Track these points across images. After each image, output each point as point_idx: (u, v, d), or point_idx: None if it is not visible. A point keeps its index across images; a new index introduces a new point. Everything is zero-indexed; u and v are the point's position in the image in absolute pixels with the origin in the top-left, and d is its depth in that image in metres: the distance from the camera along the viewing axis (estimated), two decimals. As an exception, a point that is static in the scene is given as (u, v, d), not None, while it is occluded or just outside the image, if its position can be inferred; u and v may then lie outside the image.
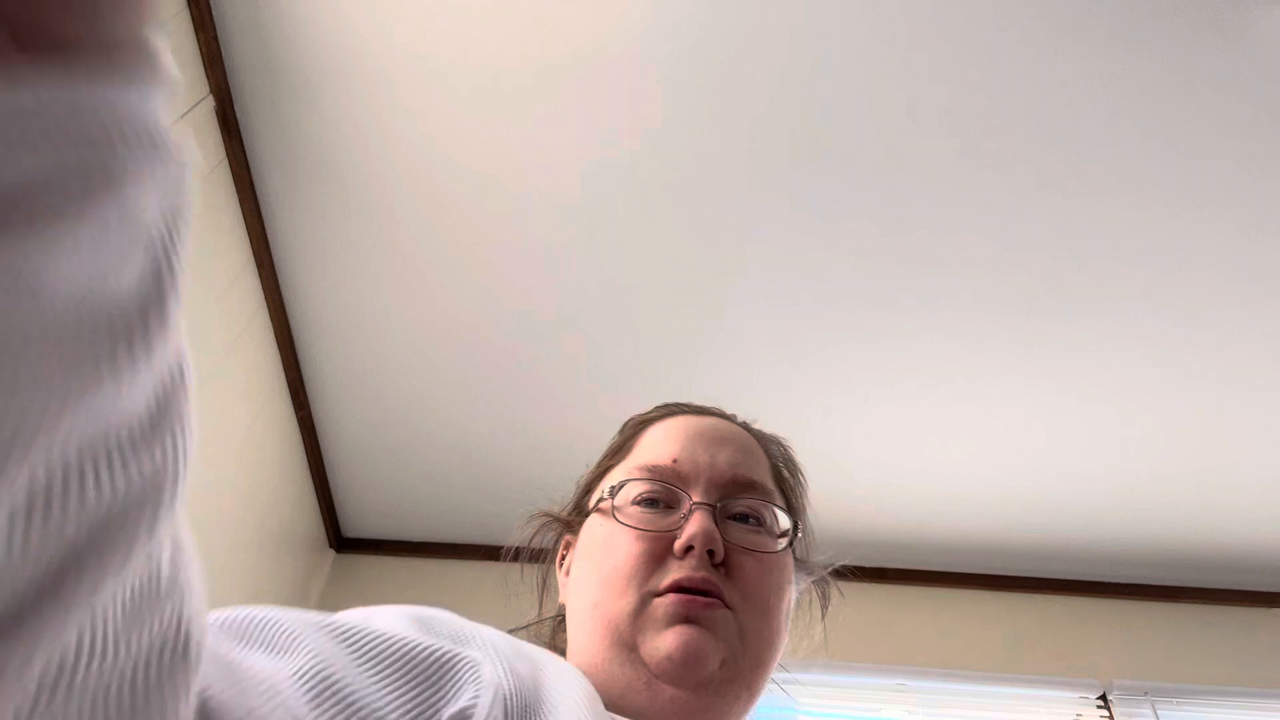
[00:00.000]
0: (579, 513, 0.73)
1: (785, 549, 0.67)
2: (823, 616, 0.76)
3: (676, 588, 0.60)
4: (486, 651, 0.49)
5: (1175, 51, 1.85)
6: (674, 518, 0.65)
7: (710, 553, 0.62)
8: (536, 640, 0.74)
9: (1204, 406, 2.38)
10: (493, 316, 2.32)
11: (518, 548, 0.77)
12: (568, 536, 0.74)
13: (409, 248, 2.21)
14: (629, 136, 2.02)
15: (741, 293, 2.25)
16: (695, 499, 0.65)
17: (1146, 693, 2.47)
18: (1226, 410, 2.38)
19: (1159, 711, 2.43)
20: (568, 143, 2.03)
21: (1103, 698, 2.47)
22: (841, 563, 0.80)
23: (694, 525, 0.62)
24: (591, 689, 0.54)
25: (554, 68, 1.94)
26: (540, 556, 0.78)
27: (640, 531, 0.64)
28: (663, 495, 0.66)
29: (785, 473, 0.77)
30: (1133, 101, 1.92)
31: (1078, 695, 2.48)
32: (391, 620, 0.49)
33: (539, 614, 0.77)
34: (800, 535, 0.70)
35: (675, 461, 0.67)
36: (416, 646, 0.45)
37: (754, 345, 2.34)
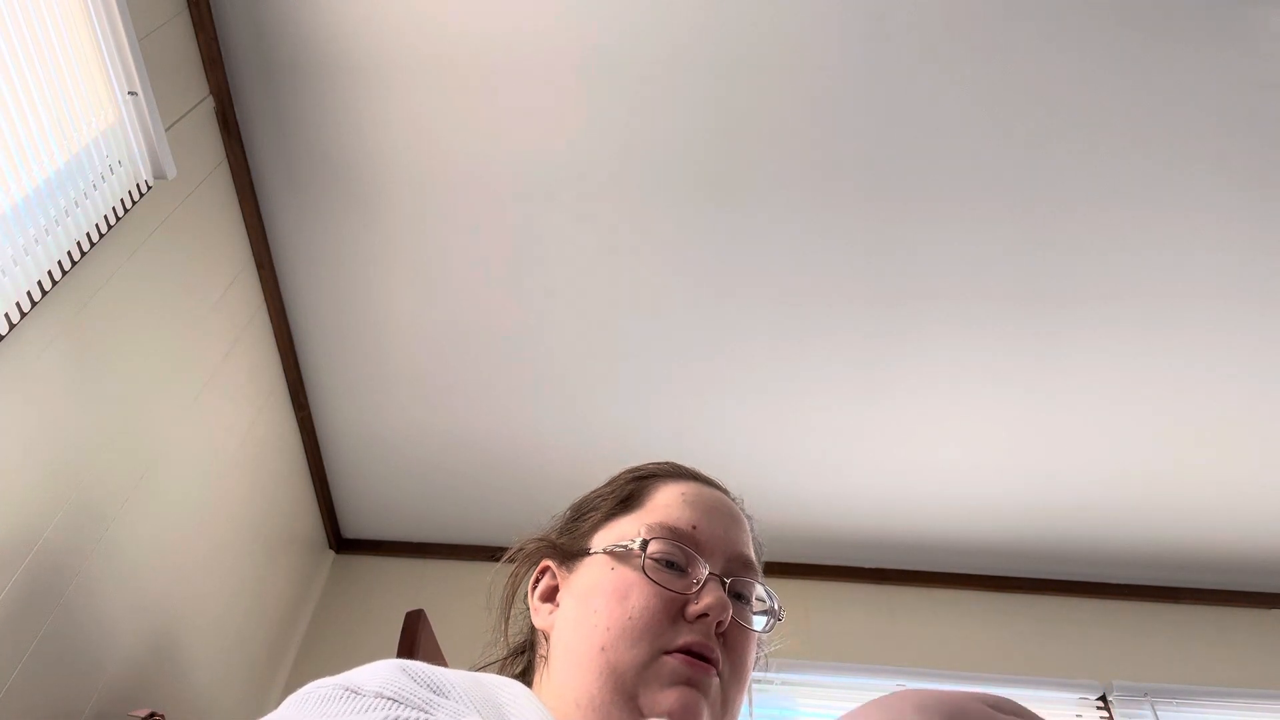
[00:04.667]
0: (576, 546, 0.76)
1: (768, 629, 0.74)
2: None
3: (686, 650, 0.66)
4: (463, 702, 0.56)
5: (1173, 56, 1.85)
6: (687, 581, 0.69)
7: (719, 622, 0.68)
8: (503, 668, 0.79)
9: (1203, 408, 2.38)
10: (492, 316, 2.32)
11: (511, 573, 0.80)
12: (548, 562, 0.77)
13: (409, 248, 2.21)
14: (630, 137, 2.02)
15: (739, 297, 2.25)
16: (710, 570, 0.70)
17: (1146, 693, 2.47)
18: (1226, 411, 2.38)
19: (1159, 712, 2.43)
20: (567, 142, 2.03)
21: (1102, 698, 2.47)
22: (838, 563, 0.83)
23: (710, 596, 0.68)
24: (548, 714, 0.60)
25: (554, 68, 1.94)
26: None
27: (660, 589, 0.68)
28: (679, 559, 0.71)
29: (760, 548, 0.82)
30: (1129, 102, 1.92)
31: (1077, 696, 2.48)
32: (378, 673, 0.56)
33: (502, 629, 0.81)
34: (782, 618, 0.75)
35: (695, 529, 0.73)
36: None
37: (753, 349, 2.34)
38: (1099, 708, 2.46)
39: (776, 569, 2.70)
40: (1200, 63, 1.86)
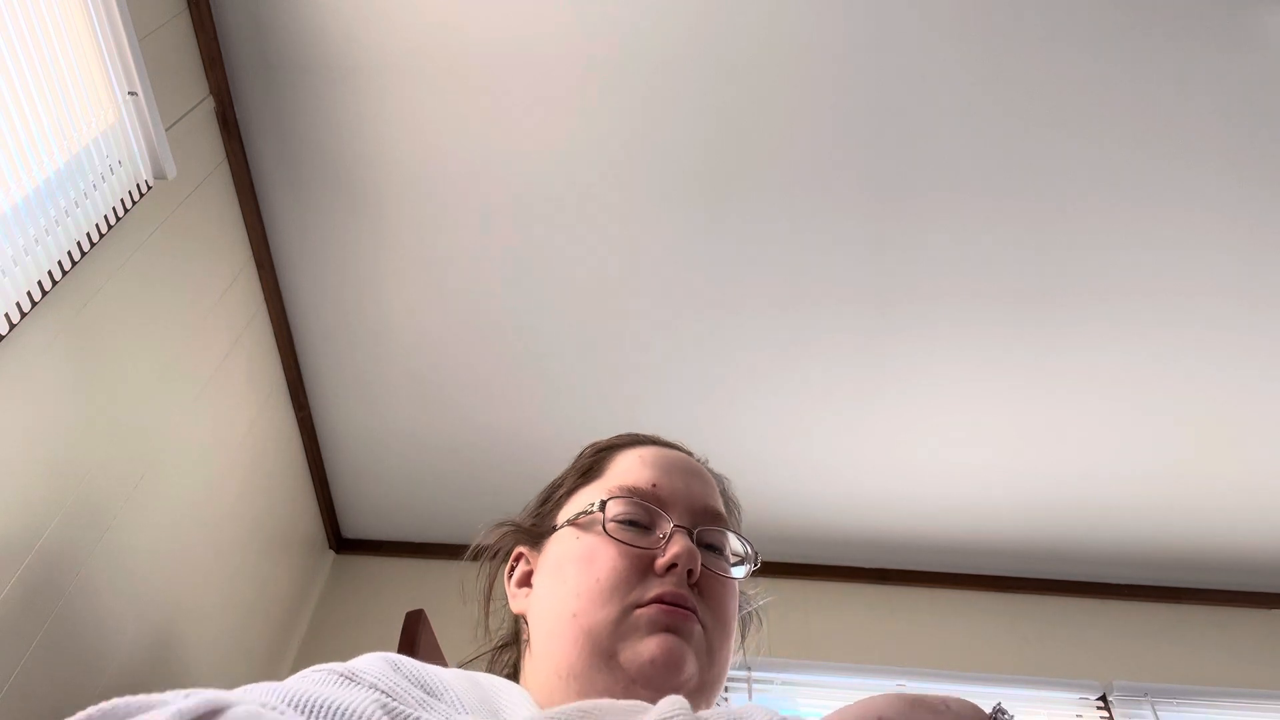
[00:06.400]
0: (544, 526, 0.76)
1: (745, 576, 0.73)
2: (741, 643, 0.81)
3: (659, 600, 0.64)
4: (455, 705, 0.55)
5: (1176, 54, 1.85)
6: (653, 538, 0.69)
7: (689, 572, 0.66)
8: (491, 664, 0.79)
9: (1204, 407, 2.38)
10: (492, 316, 2.32)
11: (478, 554, 0.81)
12: (520, 549, 0.77)
13: (408, 248, 2.21)
14: (631, 138, 2.02)
15: (740, 296, 2.25)
16: (674, 522, 0.69)
17: (1146, 693, 2.47)
18: (1227, 411, 2.38)
19: (1159, 712, 2.43)
20: (566, 143, 2.03)
21: (1103, 698, 2.47)
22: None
23: (677, 545, 0.67)
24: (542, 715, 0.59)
25: (554, 69, 1.94)
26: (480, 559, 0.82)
27: (625, 547, 0.67)
28: (642, 517, 0.70)
29: (732, 506, 0.81)
30: (1132, 100, 1.92)
31: (1078, 696, 2.48)
32: (373, 665, 0.55)
33: (484, 620, 0.81)
34: (758, 564, 0.74)
35: (655, 486, 0.72)
36: None
37: (753, 350, 2.34)
38: (1099, 708, 2.46)
39: (776, 569, 2.72)
40: (1204, 60, 1.86)
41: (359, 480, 2.70)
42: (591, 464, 0.77)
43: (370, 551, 2.82)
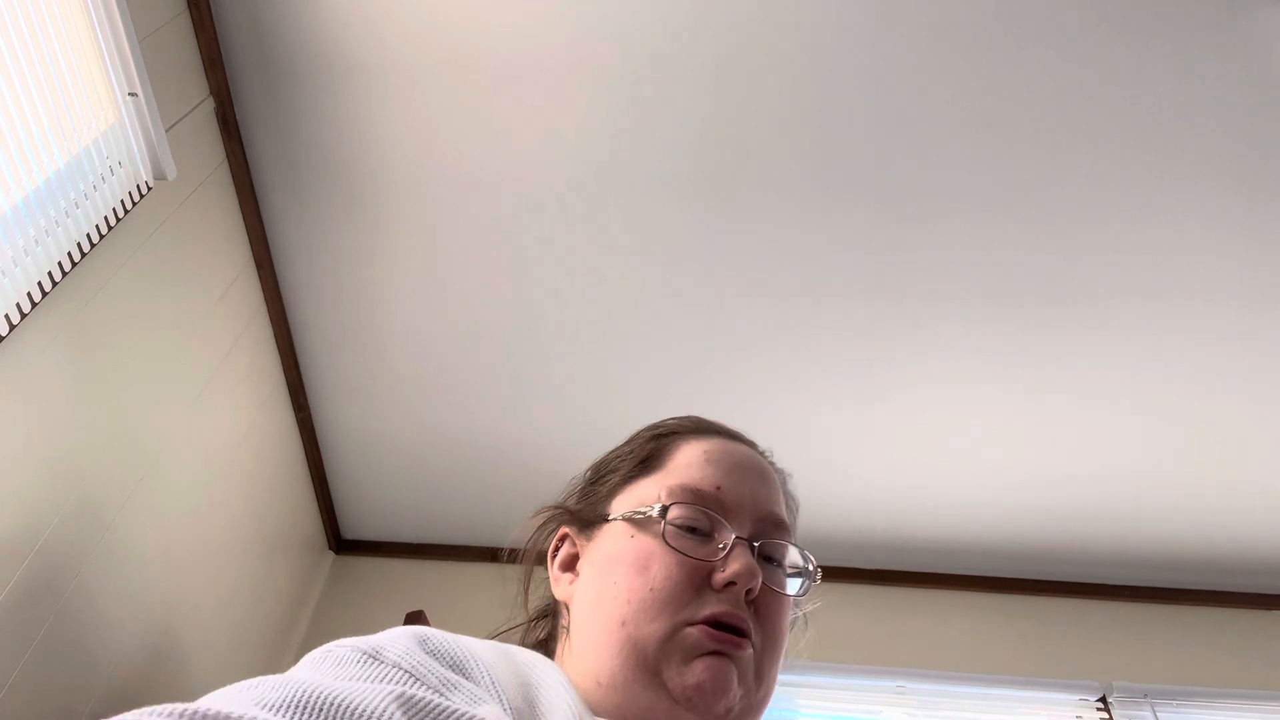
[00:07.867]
0: (595, 512, 0.72)
1: (802, 592, 0.69)
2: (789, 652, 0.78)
3: (714, 621, 0.61)
4: (484, 684, 0.52)
5: (1171, 59, 1.86)
6: (712, 547, 0.64)
7: (748, 590, 0.63)
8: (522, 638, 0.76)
9: (1203, 409, 2.38)
10: (492, 317, 2.32)
11: (527, 543, 0.77)
12: (566, 529, 0.73)
13: (409, 249, 2.21)
14: (631, 137, 2.02)
15: (739, 298, 2.25)
16: (737, 533, 0.65)
17: (1146, 695, 2.47)
18: (1226, 412, 2.38)
19: (1159, 713, 2.43)
20: (567, 142, 2.03)
21: (1102, 699, 2.47)
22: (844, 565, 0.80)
23: (738, 563, 0.63)
24: (578, 701, 0.55)
25: (554, 68, 1.94)
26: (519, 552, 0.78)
27: (683, 558, 0.63)
28: (703, 523, 0.66)
29: (793, 505, 0.77)
30: (1128, 104, 1.93)
31: (1077, 697, 2.48)
32: (399, 641, 0.53)
33: (523, 600, 0.77)
34: (818, 580, 0.70)
35: (719, 489, 0.67)
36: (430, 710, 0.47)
37: (754, 349, 2.34)
38: (1099, 709, 2.46)
39: (776, 570, 2.71)
40: (1204, 65, 1.86)
41: (359, 480, 2.70)
42: (650, 452, 0.73)
43: (370, 552, 2.82)
